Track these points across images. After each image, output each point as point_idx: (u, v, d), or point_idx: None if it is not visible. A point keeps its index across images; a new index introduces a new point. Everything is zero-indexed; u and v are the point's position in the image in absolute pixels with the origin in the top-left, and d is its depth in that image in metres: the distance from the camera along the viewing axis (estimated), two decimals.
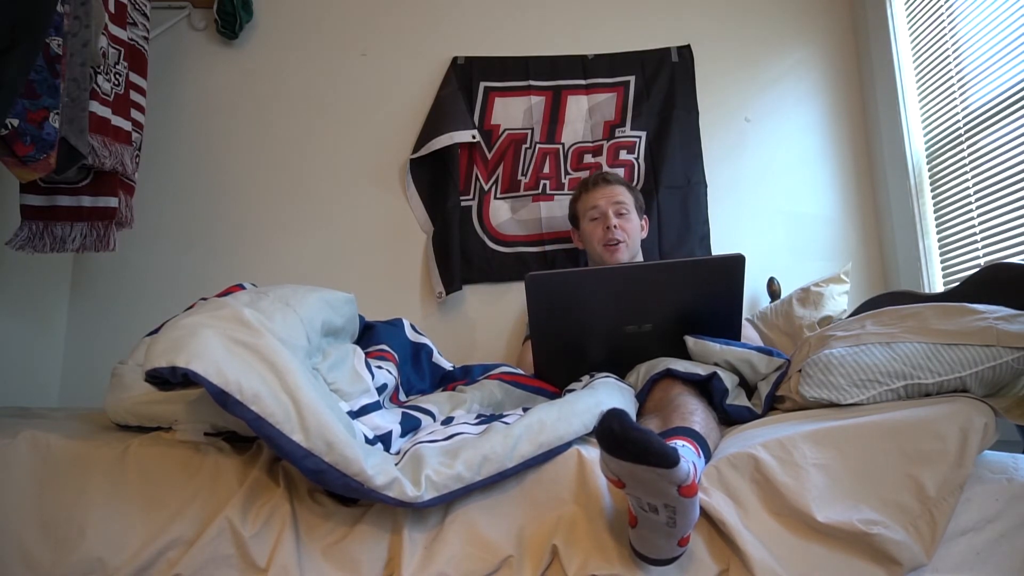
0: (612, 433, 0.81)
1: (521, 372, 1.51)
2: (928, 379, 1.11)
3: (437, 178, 2.29)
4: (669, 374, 1.29)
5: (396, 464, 0.96)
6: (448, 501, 0.96)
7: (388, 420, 1.12)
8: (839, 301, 1.95)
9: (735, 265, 1.34)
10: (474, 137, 2.25)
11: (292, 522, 0.95)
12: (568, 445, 1.04)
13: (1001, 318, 1.11)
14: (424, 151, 2.24)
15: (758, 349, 1.35)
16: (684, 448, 0.96)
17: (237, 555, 0.93)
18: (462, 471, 0.95)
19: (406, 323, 1.58)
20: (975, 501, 0.99)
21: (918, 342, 1.14)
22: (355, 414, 1.09)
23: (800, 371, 1.20)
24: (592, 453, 1.03)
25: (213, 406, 0.90)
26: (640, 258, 1.98)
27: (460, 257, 2.21)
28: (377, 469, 0.91)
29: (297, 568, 0.92)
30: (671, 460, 0.80)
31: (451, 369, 1.59)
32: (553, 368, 1.46)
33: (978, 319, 1.13)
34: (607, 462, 0.85)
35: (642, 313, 1.37)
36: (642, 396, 1.30)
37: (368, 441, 1.04)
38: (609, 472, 0.87)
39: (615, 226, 1.88)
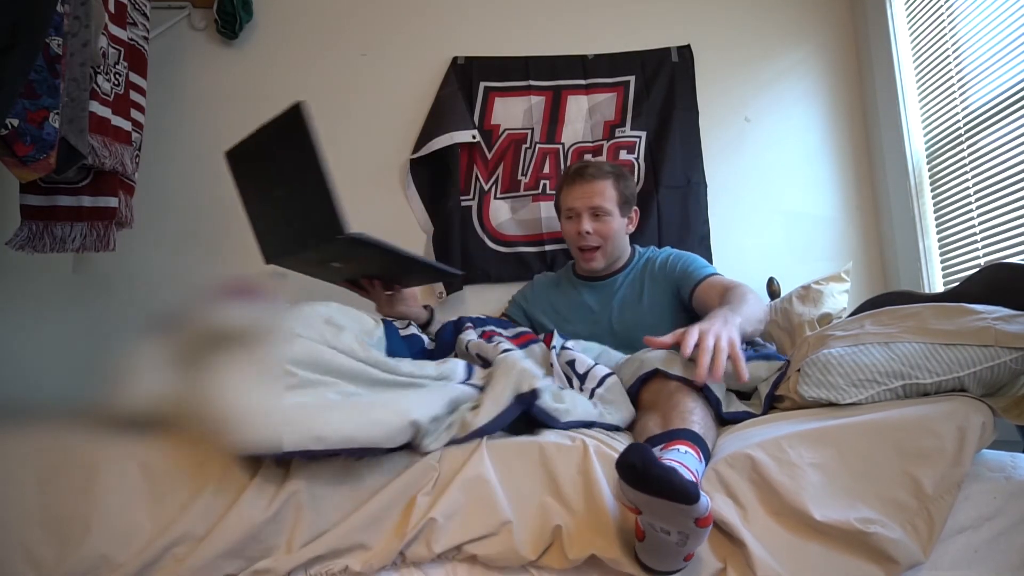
0: (634, 468, 0.83)
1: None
2: (926, 379, 1.11)
3: (437, 178, 2.29)
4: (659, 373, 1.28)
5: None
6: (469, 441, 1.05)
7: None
8: (839, 299, 1.95)
9: (294, 114, 1.30)
10: (474, 137, 2.25)
11: (302, 509, 0.96)
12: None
13: (1000, 318, 1.12)
14: (424, 151, 2.24)
15: (757, 356, 1.35)
16: (687, 455, 0.97)
17: (247, 547, 0.93)
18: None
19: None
20: (973, 499, 0.99)
21: (916, 342, 1.14)
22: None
23: (799, 371, 1.21)
24: (595, 447, 1.05)
25: None
26: (624, 256, 1.92)
27: (460, 257, 2.21)
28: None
29: (309, 552, 0.93)
30: (692, 497, 0.81)
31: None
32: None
33: (976, 319, 1.13)
34: (625, 491, 0.86)
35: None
36: (633, 393, 1.30)
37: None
38: (626, 500, 0.88)
39: (587, 232, 1.81)
